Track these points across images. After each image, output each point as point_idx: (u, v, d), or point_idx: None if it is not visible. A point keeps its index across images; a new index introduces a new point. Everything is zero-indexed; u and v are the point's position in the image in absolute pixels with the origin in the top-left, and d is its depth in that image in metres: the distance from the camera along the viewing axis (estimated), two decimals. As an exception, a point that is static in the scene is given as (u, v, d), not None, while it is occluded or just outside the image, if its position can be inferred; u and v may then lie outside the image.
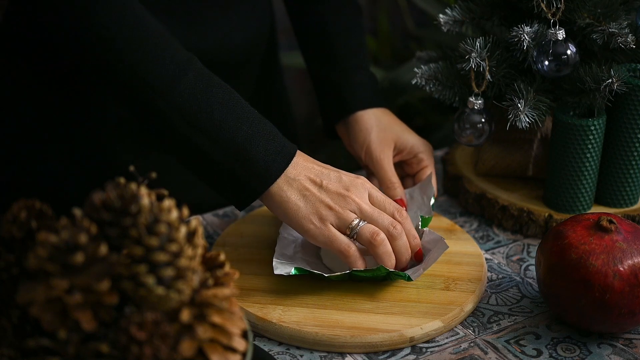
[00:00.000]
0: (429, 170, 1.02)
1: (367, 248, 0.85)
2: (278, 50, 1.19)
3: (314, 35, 1.08)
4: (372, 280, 0.87)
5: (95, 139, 0.99)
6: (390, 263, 0.85)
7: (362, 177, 0.88)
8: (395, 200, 0.95)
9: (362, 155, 1.02)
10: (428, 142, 1.05)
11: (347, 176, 0.87)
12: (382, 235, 0.84)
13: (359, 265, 0.85)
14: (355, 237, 0.84)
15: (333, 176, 0.86)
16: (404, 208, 0.90)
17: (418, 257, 0.89)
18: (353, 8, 1.09)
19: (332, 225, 0.84)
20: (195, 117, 0.82)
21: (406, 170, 1.05)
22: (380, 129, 1.01)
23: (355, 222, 0.84)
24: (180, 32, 0.95)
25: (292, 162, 0.85)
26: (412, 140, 1.03)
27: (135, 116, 0.85)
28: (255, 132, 0.84)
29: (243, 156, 0.83)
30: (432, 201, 0.97)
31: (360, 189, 0.86)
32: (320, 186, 0.85)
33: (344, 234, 0.85)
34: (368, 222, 0.85)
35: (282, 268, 0.85)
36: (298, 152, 0.87)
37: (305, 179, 0.85)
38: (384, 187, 0.99)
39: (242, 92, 1.09)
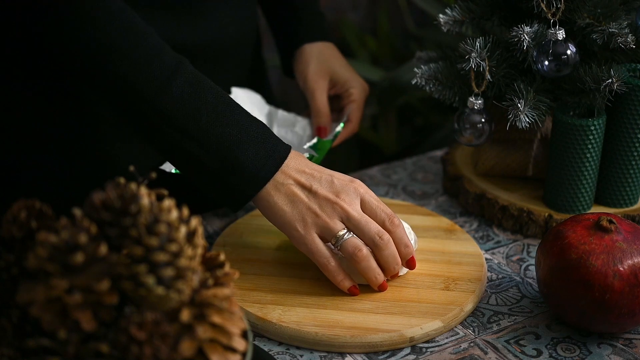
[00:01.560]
0: (354, 105, 1.07)
1: (351, 263, 0.84)
2: (261, 44, 1.21)
3: None
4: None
5: (96, 139, 0.99)
6: (374, 279, 0.84)
7: (357, 181, 0.86)
8: (318, 128, 1.06)
9: (300, 84, 1.09)
10: (365, 82, 1.11)
11: (339, 180, 0.85)
12: (365, 252, 0.83)
13: (339, 280, 0.84)
14: (339, 249, 0.84)
15: (324, 180, 0.85)
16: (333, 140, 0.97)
17: (411, 265, 0.87)
18: None
19: (317, 234, 0.84)
20: (183, 123, 0.82)
21: (336, 105, 1.11)
22: (320, 61, 1.08)
23: (341, 233, 0.83)
24: (174, 25, 0.96)
25: (283, 165, 0.84)
26: (347, 75, 1.09)
27: (125, 121, 0.85)
28: (244, 136, 0.83)
29: (231, 161, 0.83)
30: (339, 127, 1.04)
31: (351, 194, 0.84)
32: (309, 191, 0.84)
33: (330, 242, 0.84)
34: (355, 232, 0.84)
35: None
36: (292, 153, 0.86)
37: (294, 183, 0.84)
38: (313, 114, 1.07)
39: (231, 85, 1.11)
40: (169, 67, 0.83)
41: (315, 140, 0.99)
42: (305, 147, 1.00)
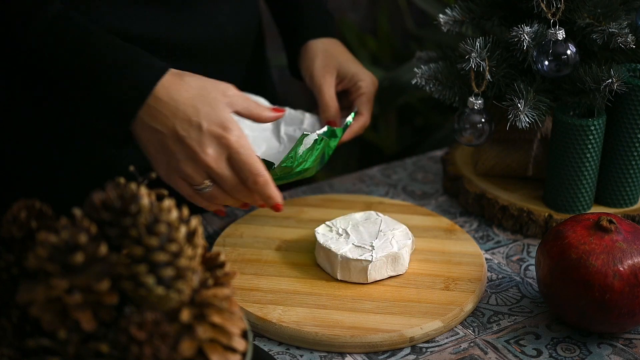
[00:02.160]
0: (364, 98, 1.05)
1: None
2: (265, 44, 1.21)
3: None
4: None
5: (97, 139, 0.98)
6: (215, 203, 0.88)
7: (226, 126, 0.83)
8: (327, 123, 1.02)
9: (307, 81, 1.07)
10: (373, 76, 1.08)
11: (207, 121, 0.82)
12: (226, 202, 0.86)
13: (205, 206, 0.87)
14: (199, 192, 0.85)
15: (194, 122, 0.82)
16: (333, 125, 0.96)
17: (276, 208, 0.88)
18: None
19: (180, 178, 0.84)
20: (48, 54, 0.83)
21: (346, 101, 1.08)
22: (325, 56, 1.06)
23: (203, 187, 0.84)
24: (173, 22, 0.96)
25: (152, 97, 0.83)
26: (354, 69, 1.06)
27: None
28: (108, 65, 0.83)
29: (97, 93, 0.83)
30: (350, 117, 1.01)
31: (216, 146, 0.82)
32: (176, 138, 0.82)
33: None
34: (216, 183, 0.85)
35: None
36: (167, 77, 0.83)
37: (162, 126, 0.82)
38: (321, 109, 1.04)
39: (232, 84, 1.10)
40: (47, 19, 0.83)
41: (325, 128, 0.97)
42: (317, 133, 0.98)
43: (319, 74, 1.05)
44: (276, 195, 0.86)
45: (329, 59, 1.06)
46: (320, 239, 0.90)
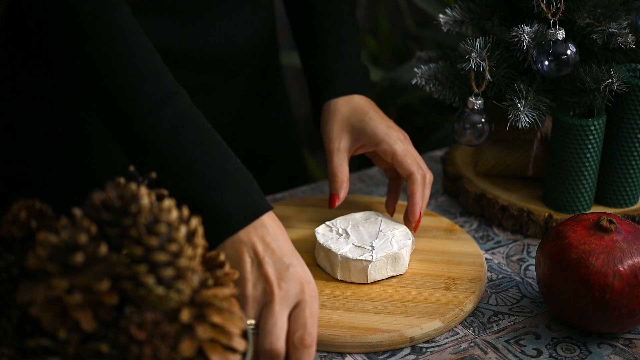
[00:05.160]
0: (398, 159, 0.93)
1: None
2: (279, 50, 1.19)
3: (302, 21, 1.05)
4: None
5: (97, 139, 0.99)
6: None
7: (311, 286, 0.76)
8: (330, 196, 0.93)
9: (324, 143, 0.98)
10: (398, 131, 0.96)
11: (294, 272, 0.75)
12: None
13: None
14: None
15: (280, 262, 0.76)
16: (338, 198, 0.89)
17: None
18: None
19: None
20: (164, 152, 0.78)
21: (387, 174, 0.99)
22: (338, 118, 0.96)
23: (248, 325, 0.72)
24: (182, 33, 0.95)
25: (252, 224, 0.77)
26: (371, 129, 0.94)
27: (112, 137, 0.82)
28: (224, 181, 0.78)
29: (205, 205, 0.77)
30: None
31: (292, 290, 0.74)
32: (258, 261, 0.76)
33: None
34: (259, 330, 0.74)
35: None
36: (269, 215, 0.79)
37: (249, 246, 0.77)
38: (329, 180, 0.96)
39: (243, 92, 1.07)
40: (165, 92, 0.79)
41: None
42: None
43: (330, 139, 0.96)
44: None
45: (341, 122, 0.96)
46: (320, 239, 0.90)
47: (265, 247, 0.76)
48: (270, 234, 0.78)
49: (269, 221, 0.78)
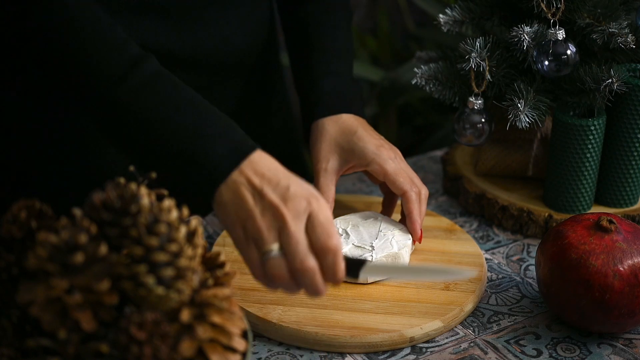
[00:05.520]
0: (390, 178, 0.92)
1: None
2: (279, 50, 1.19)
3: (296, 37, 1.06)
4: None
5: (96, 139, 0.98)
6: (288, 292, 0.76)
7: (316, 196, 0.76)
8: None
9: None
10: (389, 149, 0.95)
11: (296, 188, 0.75)
12: (283, 282, 0.74)
13: (272, 289, 0.77)
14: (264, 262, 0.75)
15: (279, 185, 0.76)
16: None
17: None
18: (342, 11, 1.06)
19: (252, 243, 0.76)
20: (139, 114, 0.79)
21: (382, 189, 0.98)
22: (326, 138, 0.96)
23: (268, 249, 0.73)
24: (175, 33, 0.95)
25: (243, 164, 0.77)
26: (360, 149, 0.94)
27: (86, 113, 0.83)
28: (206, 129, 0.79)
29: (190, 155, 0.78)
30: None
31: (300, 206, 0.74)
32: (259, 193, 0.76)
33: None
34: (283, 247, 0.73)
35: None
36: (257, 153, 0.79)
37: (246, 183, 0.77)
38: None
39: (241, 93, 1.07)
40: (132, 58, 0.80)
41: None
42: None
43: (316, 160, 0.95)
44: (342, 268, 0.73)
45: (328, 142, 0.95)
46: None
47: (260, 178, 0.77)
48: (261, 166, 0.78)
49: (257, 157, 0.79)
